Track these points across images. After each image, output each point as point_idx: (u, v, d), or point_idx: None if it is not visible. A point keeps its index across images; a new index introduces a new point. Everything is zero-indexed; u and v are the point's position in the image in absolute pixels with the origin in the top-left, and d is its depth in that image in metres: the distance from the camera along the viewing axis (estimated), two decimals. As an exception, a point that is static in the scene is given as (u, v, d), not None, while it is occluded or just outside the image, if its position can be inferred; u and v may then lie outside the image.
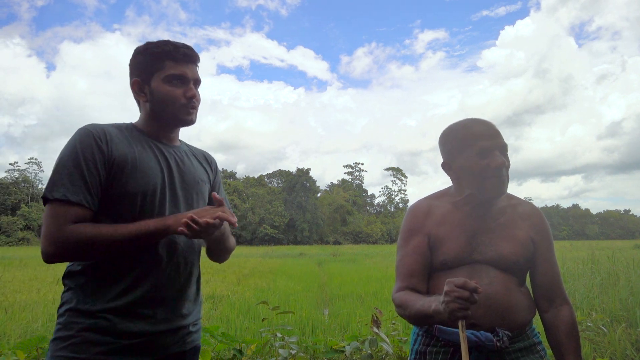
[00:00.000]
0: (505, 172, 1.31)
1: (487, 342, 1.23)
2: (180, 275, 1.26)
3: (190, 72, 1.28)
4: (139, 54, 1.28)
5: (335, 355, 3.04)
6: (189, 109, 1.29)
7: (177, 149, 1.35)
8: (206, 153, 1.50)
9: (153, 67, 1.26)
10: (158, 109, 1.27)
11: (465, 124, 1.36)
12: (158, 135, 1.31)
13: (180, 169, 1.31)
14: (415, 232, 1.39)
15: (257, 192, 71.27)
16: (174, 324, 1.24)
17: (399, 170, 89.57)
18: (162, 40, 1.29)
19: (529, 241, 1.36)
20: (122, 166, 1.18)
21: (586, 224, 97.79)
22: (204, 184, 1.38)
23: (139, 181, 1.19)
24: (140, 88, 1.29)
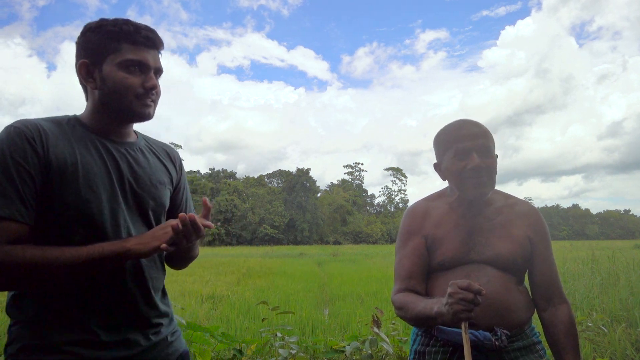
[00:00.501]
0: (485, 172, 1.30)
1: (485, 341, 1.23)
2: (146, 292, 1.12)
3: (151, 59, 1.09)
4: (91, 31, 1.07)
5: (335, 355, 3.04)
6: (147, 101, 1.09)
7: (131, 146, 1.15)
8: (168, 147, 1.29)
9: (107, 49, 1.05)
10: (109, 99, 1.07)
11: (451, 125, 1.37)
12: (107, 130, 1.11)
13: (134, 172, 1.12)
14: (412, 233, 1.40)
15: (257, 192, 71.30)
16: (151, 341, 1.12)
17: (399, 170, 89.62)
18: (120, 18, 1.09)
19: (526, 240, 1.36)
20: (61, 172, 0.99)
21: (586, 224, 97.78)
22: (164, 187, 1.18)
23: (82, 191, 1.00)
24: (88, 72, 1.07)
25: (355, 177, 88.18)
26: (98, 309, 1.03)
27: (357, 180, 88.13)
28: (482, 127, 1.34)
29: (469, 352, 1.10)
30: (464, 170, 1.30)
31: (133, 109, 1.08)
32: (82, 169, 1.02)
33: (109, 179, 1.06)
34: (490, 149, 1.31)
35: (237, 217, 65.31)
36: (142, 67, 1.08)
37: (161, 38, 1.13)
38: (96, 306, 1.03)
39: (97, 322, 1.03)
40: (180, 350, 1.22)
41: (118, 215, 1.06)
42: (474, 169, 1.28)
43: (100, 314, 1.03)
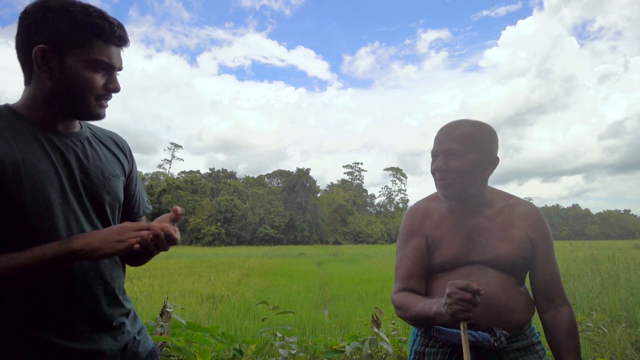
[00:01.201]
0: (447, 175, 1.32)
1: (484, 342, 1.23)
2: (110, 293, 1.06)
3: (118, 59, 1.02)
4: (55, 12, 0.94)
5: (335, 355, 3.04)
6: (104, 102, 1.02)
7: (77, 137, 1.04)
8: (115, 135, 1.18)
9: (73, 40, 0.94)
10: (65, 93, 0.96)
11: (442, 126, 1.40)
12: (51, 122, 0.99)
13: (83, 165, 1.02)
14: (413, 234, 1.40)
15: (257, 192, 71.29)
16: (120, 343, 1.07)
17: (399, 170, 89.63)
18: (90, 6, 0.97)
19: (527, 241, 1.36)
20: (0, 175, 0.88)
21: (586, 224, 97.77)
22: (117, 179, 1.10)
23: (27, 192, 0.90)
24: (44, 58, 0.94)
25: (355, 177, 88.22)
26: (56, 317, 0.95)
27: (357, 180, 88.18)
28: (460, 127, 1.34)
29: (467, 353, 1.10)
30: (433, 172, 1.37)
31: (90, 110, 1.00)
32: (25, 168, 0.91)
33: (57, 177, 0.96)
34: (460, 152, 1.31)
35: (237, 217, 65.30)
36: (108, 67, 1.00)
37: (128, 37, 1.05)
38: (54, 314, 0.95)
39: (56, 331, 0.95)
40: (148, 348, 1.18)
41: (70, 217, 0.97)
42: (435, 171, 1.35)
43: (60, 322, 0.96)
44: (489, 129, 1.37)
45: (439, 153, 1.35)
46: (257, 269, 16.66)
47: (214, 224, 62.86)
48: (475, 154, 1.32)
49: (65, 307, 0.97)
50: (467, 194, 1.35)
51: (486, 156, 1.34)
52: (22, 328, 0.92)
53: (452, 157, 1.32)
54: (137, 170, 1.23)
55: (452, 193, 1.35)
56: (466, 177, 1.32)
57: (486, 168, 1.36)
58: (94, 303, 1.02)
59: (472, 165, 1.32)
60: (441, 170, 1.33)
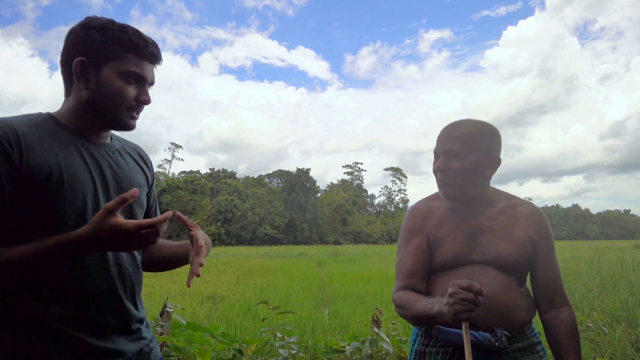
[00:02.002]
0: (446, 175, 1.33)
1: (485, 342, 1.23)
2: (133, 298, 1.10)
3: (150, 74, 1.09)
4: (95, 30, 1.03)
5: (335, 355, 3.04)
6: (135, 113, 1.09)
7: (109, 148, 1.12)
8: (139, 148, 1.27)
9: (110, 54, 1.02)
10: (99, 103, 1.03)
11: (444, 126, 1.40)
12: (87, 132, 1.07)
13: (116, 174, 1.09)
14: (415, 232, 1.40)
15: (257, 192, 71.31)
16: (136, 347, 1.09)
17: (399, 170, 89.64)
18: (127, 26, 1.06)
19: (529, 241, 1.36)
20: (43, 180, 0.94)
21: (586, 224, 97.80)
22: (142, 189, 1.17)
23: (66, 197, 0.96)
24: (83, 70, 1.02)
25: (355, 177, 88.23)
26: (82, 316, 0.99)
27: (357, 180, 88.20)
28: (462, 127, 1.34)
29: (469, 353, 1.10)
30: (435, 172, 1.38)
31: (120, 119, 1.07)
32: (66, 173, 0.97)
33: (92, 184, 1.02)
34: (461, 153, 1.31)
35: (237, 217, 65.30)
36: (140, 80, 1.07)
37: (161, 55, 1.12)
38: (83, 314, 0.99)
39: (83, 330, 0.99)
40: (158, 357, 1.21)
41: None
42: (436, 171, 1.36)
43: (85, 321, 1.00)
44: (492, 130, 1.36)
45: (441, 153, 1.35)
46: (257, 269, 16.67)
47: (214, 224, 62.85)
48: (476, 154, 1.32)
49: (91, 306, 1.01)
50: (468, 194, 1.35)
51: (487, 157, 1.34)
52: (51, 323, 0.96)
53: (452, 157, 1.32)
54: (154, 181, 1.31)
55: (453, 193, 1.35)
56: (466, 177, 1.32)
57: (487, 169, 1.35)
58: (118, 305, 1.06)
59: (472, 165, 1.32)
60: (442, 171, 1.34)
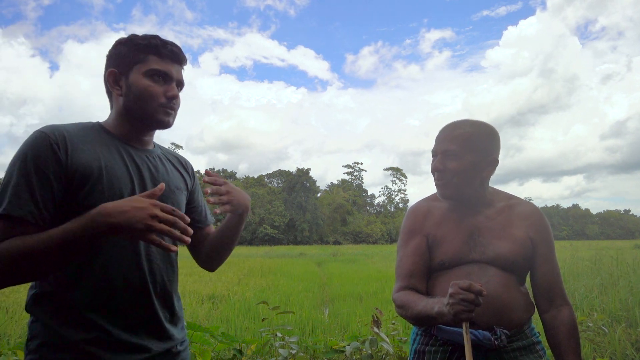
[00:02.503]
0: (443, 175, 1.35)
1: (485, 340, 1.23)
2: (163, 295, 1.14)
3: (175, 71, 1.16)
4: (121, 44, 1.15)
5: (335, 355, 3.04)
6: (168, 109, 1.15)
7: (150, 154, 1.20)
8: (181, 157, 1.36)
9: (134, 59, 1.13)
10: (133, 105, 1.13)
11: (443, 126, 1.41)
12: (130, 137, 1.16)
13: (154, 177, 1.16)
14: (414, 232, 1.41)
15: (257, 192, 71.29)
16: (161, 348, 1.12)
17: (399, 170, 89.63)
18: (149, 35, 1.16)
19: (528, 241, 1.36)
20: (86, 177, 1.02)
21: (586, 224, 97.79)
22: (181, 193, 1.24)
23: (105, 193, 1.03)
24: (115, 80, 1.14)
25: (355, 177, 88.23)
26: (114, 310, 1.05)
27: (357, 180, 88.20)
28: (460, 128, 1.35)
29: (470, 353, 1.10)
30: (432, 171, 1.39)
31: (155, 116, 1.14)
32: (106, 172, 1.05)
33: (131, 183, 1.10)
34: (458, 153, 1.32)
35: (237, 217, 65.18)
36: (165, 77, 1.14)
37: (185, 55, 1.20)
38: (112, 306, 1.05)
39: (111, 322, 1.04)
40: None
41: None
42: (434, 170, 1.38)
43: (116, 315, 1.05)
44: (490, 130, 1.37)
45: (438, 153, 1.37)
46: (257, 269, 16.67)
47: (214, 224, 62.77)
48: (473, 155, 1.32)
49: (120, 298, 1.06)
50: (465, 195, 1.36)
51: (485, 157, 1.34)
52: (81, 310, 1.02)
53: (449, 157, 1.33)
54: (199, 186, 1.38)
55: (449, 193, 1.36)
56: (463, 178, 1.33)
57: (484, 169, 1.36)
58: (147, 301, 1.10)
59: (469, 166, 1.32)
60: (439, 171, 1.35)
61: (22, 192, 0.96)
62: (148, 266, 1.10)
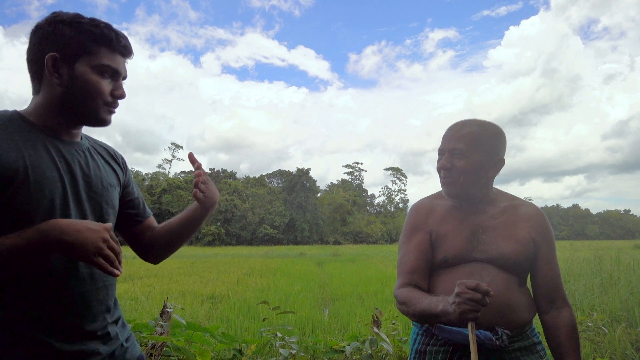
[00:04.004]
0: (450, 174, 1.35)
1: (486, 340, 1.23)
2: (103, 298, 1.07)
3: (123, 68, 1.08)
4: (65, 24, 1.01)
5: (336, 355, 3.05)
6: (112, 108, 1.08)
7: (79, 147, 1.09)
8: (110, 148, 1.25)
9: (83, 48, 1.01)
10: (74, 98, 1.02)
11: (450, 125, 1.41)
12: (57, 130, 1.04)
13: (85, 174, 1.07)
14: (417, 229, 1.41)
15: (257, 192, 71.30)
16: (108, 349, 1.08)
17: (399, 170, 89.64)
18: (98, 20, 1.05)
19: (530, 241, 1.36)
20: (7, 180, 0.91)
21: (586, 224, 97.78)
22: (113, 189, 1.15)
23: (32, 196, 0.93)
24: (55, 66, 1.00)
25: (355, 177, 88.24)
26: (51, 319, 0.97)
27: (357, 180, 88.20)
28: (468, 127, 1.35)
29: (475, 352, 1.10)
30: (438, 170, 1.38)
31: (98, 114, 1.06)
32: (33, 172, 0.95)
33: (61, 183, 1.00)
34: (465, 152, 1.33)
35: (237, 217, 65.29)
36: (114, 74, 1.06)
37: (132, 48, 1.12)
38: (49, 316, 0.97)
39: (50, 333, 0.97)
40: (136, 355, 1.19)
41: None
42: (440, 169, 1.38)
43: (54, 324, 0.98)
44: (497, 130, 1.37)
45: (445, 151, 1.37)
46: (257, 269, 16.66)
47: (214, 224, 62.83)
48: (480, 154, 1.33)
49: (59, 309, 0.99)
50: (470, 193, 1.37)
51: (491, 157, 1.35)
52: (20, 327, 0.94)
53: (457, 156, 1.34)
54: (132, 179, 1.29)
55: (455, 192, 1.37)
56: (470, 177, 1.34)
57: (491, 169, 1.36)
58: (88, 308, 1.04)
59: (476, 165, 1.33)
60: (446, 169, 1.36)
61: None
62: (88, 273, 1.03)
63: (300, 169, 73.26)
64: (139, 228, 1.27)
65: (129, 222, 1.25)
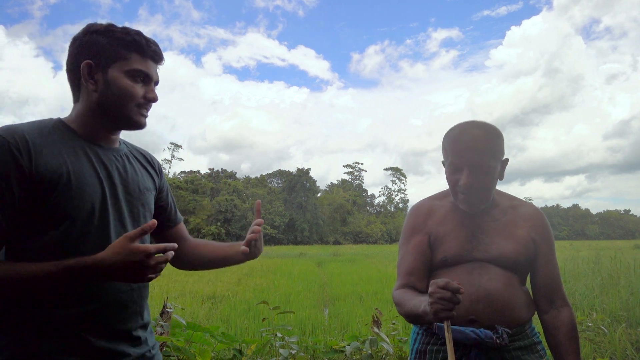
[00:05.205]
0: (474, 191, 1.29)
1: (486, 339, 1.23)
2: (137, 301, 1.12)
3: (154, 72, 1.13)
4: (98, 34, 1.06)
5: (336, 355, 3.05)
6: (144, 111, 1.12)
7: (118, 153, 1.14)
8: (147, 153, 1.30)
9: (116, 55, 1.06)
10: (109, 103, 1.06)
11: (455, 130, 1.34)
12: (96, 136, 1.10)
13: (123, 179, 1.11)
14: (416, 231, 1.41)
15: (257, 192, 71.30)
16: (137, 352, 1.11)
17: (399, 170, 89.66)
18: (129, 28, 1.10)
19: (530, 241, 1.36)
20: (51, 185, 0.96)
21: (586, 224, 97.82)
22: (150, 193, 1.20)
23: (74, 202, 0.98)
24: (90, 73, 1.06)
25: (355, 177, 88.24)
26: (89, 316, 1.01)
27: (357, 180, 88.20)
28: (482, 137, 1.29)
29: (452, 351, 1.09)
30: (456, 185, 1.32)
31: (132, 117, 1.10)
32: (75, 178, 0.99)
33: (100, 188, 1.05)
34: (486, 165, 1.27)
35: (237, 217, 65.29)
36: (146, 78, 1.11)
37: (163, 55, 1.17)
38: (86, 314, 1.01)
39: (87, 328, 1.01)
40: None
41: (110, 223, 1.06)
42: (464, 187, 1.29)
43: (91, 321, 1.02)
44: (499, 132, 1.34)
45: (465, 166, 1.28)
46: (257, 269, 16.66)
47: (214, 224, 62.86)
48: (497, 163, 1.31)
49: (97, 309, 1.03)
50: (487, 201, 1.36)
51: (501, 162, 1.34)
52: (60, 323, 0.99)
53: (479, 170, 1.28)
54: (167, 184, 1.34)
55: (476, 207, 1.34)
56: (488, 191, 1.32)
57: (501, 173, 1.36)
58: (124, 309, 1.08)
59: (495, 176, 1.32)
60: (470, 187, 1.29)
61: None
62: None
63: (300, 169, 73.33)
64: (169, 233, 1.31)
65: (160, 227, 1.26)
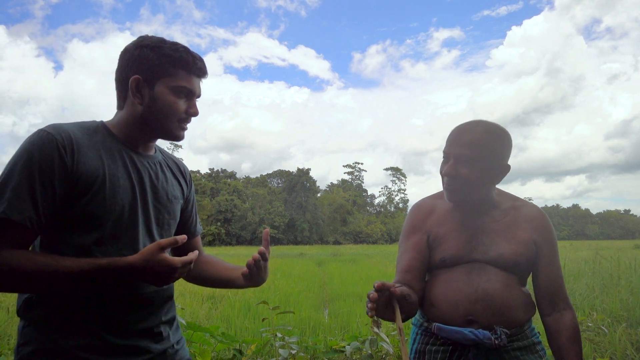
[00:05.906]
0: (454, 182, 1.30)
1: (485, 340, 1.23)
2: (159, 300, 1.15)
3: (198, 88, 1.17)
4: (149, 49, 1.10)
5: (336, 355, 3.05)
6: (185, 125, 1.17)
7: (152, 160, 1.19)
8: (180, 162, 1.34)
9: (163, 71, 1.10)
10: (153, 117, 1.11)
11: (456, 127, 1.36)
12: (135, 142, 1.15)
13: (154, 185, 1.16)
14: (415, 229, 1.41)
15: (257, 192, 71.30)
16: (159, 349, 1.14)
17: (399, 170, 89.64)
18: (178, 44, 1.13)
19: (532, 243, 1.35)
20: (88, 185, 1.00)
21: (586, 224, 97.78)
22: (177, 202, 1.24)
23: (107, 202, 1.03)
24: (138, 87, 1.10)
25: (355, 177, 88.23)
26: (109, 315, 1.04)
27: (357, 180, 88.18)
28: (477, 132, 1.29)
29: (406, 354, 1.08)
30: (442, 174, 1.35)
31: (172, 131, 1.15)
32: (109, 181, 1.04)
33: (132, 192, 1.09)
34: (472, 160, 1.27)
35: (237, 217, 65.31)
36: (189, 94, 1.14)
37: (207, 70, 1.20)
38: (107, 312, 1.04)
39: (107, 327, 1.03)
40: (185, 358, 1.23)
41: (139, 226, 1.10)
42: (445, 175, 1.33)
43: (112, 320, 1.04)
44: (503, 134, 1.32)
45: (450, 157, 1.31)
46: (257, 269, 16.63)
47: (214, 224, 62.86)
48: (486, 161, 1.29)
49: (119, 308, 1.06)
50: (473, 200, 1.34)
51: (497, 163, 1.31)
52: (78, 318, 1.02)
53: (462, 163, 1.29)
54: (194, 196, 1.38)
55: (458, 199, 1.34)
56: (474, 184, 1.30)
57: (496, 175, 1.34)
58: (148, 308, 1.11)
59: (482, 172, 1.29)
60: (450, 176, 1.31)
61: (23, 195, 0.93)
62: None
63: (301, 169, 73.34)
64: (185, 244, 1.31)
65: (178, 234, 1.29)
